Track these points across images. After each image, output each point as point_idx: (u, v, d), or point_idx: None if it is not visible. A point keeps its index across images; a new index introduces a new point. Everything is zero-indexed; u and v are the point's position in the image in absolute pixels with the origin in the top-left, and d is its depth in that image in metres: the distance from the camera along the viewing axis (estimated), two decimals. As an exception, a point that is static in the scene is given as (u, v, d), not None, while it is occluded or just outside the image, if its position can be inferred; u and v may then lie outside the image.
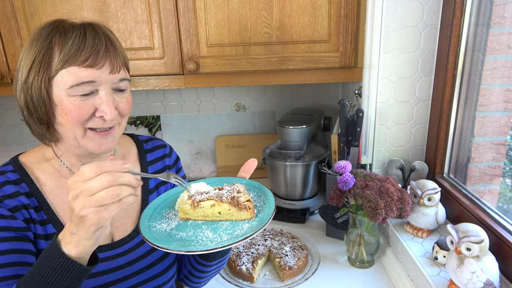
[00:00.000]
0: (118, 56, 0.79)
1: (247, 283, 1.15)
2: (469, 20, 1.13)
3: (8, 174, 0.82)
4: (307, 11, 1.26)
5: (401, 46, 1.23)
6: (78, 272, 0.65)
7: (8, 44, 1.27)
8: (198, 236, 0.71)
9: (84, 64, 0.74)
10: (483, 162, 1.16)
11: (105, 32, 0.79)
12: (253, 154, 1.86)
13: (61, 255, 0.64)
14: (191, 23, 1.27)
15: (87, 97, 0.76)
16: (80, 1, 1.24)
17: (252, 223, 0.73)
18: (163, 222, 0.75)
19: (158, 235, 0.71)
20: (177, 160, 1.05)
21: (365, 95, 1.28)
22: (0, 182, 0.80)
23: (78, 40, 0.74)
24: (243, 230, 0.71)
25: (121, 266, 0.88)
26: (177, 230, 0.73)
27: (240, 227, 0.72)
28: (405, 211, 1.09)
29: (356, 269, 1.21)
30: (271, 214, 0.72)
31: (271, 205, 0.75)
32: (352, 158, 1.32)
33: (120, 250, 0.88)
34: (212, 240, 0.69)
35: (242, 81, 1.36)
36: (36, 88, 0.76)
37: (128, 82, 0.83)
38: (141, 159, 0.98)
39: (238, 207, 0.73)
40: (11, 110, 1.81)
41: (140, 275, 0.90)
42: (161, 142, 1.04)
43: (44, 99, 0.76)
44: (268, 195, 0.79)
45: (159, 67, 1.31)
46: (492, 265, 0.88)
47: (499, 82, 1.09)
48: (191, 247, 0.67)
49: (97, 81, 0.75)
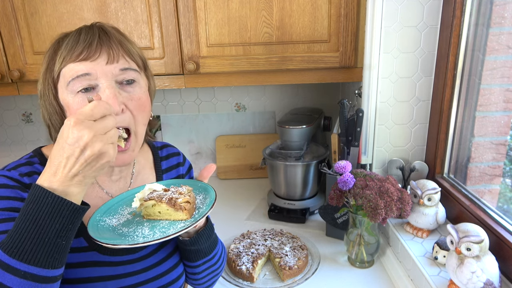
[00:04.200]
0: (114, 45, 0.76)
1: (247, 283, 1.15)
2: (469, 20, 1.13)
3: (36, 165, 0.81)
4: (307, 11, 1.26)
5: (401, 46, 1.23)
6: (70, 212, 0.61)
7: (8, 44, 1.27)
8: (136, 232, 0.74)
9: (78, 58, 0.74)
10: (483, 162, 1.16)
11: (101, 26, 0.78)
12: (253, 154, 1.86)
13: (48, 194, 0.60)
14: (191, 23, 1.27)
15: (90, 94, 0.75)
16: (80, 1, 1.24)
17: (186, 223, 0.76)
18: (114, 217, 0.79)
19: (104, 228, 0.75)
20: (189, 168, 1.05)
21: (365, 95, 1.28)
22: (30, 171, 0.79)
23: (72, 40, 0.75)
24: (176, 229, 0.74)
25: (138, 271, 0.87)
26: (122, 226, 0.77)
27: (175, 227, 0.75)
28: (405, 211, 1.09)
29: (356, 269, 1.21)
30: (203, 214, 0.74)
31: (208, 207, 0.77)
32: (352, 158, 1.32)
33: (137, 256, 0.87)
34: (145, 236, 0.72)
35: (242, 81, 1.36)
36: (47, 98, 0.77)
37: (136, 74, 0.79)
38: (156, 166, 0.98)
39: (175, 208, 0.76)
40: (11, 110, 1.81)
41: (155, 281, 0.89)
42: (175, 150, 1.04)
43: (55, 106, 0.77)
44: (212, 198, 0.80)
45: (159, 67, 1.31)
46: (492, 265, 0.88)
47: (499, 82, 1.09)
48: (119, 241, 0.70)
49: (92, 73, 0.74)
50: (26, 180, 0.78)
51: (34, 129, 1.84)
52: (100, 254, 0.83)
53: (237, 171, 1.89)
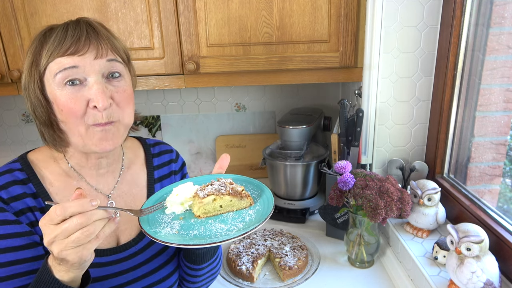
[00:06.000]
0: (102, 41, 0.77)
1: (247, 283, 1.15)
2: (469, 20, 1.13)
3: (15, 172, 0.81)
4: (307, 11, 1.26)
5: (401, 46, 1.23)
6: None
7: (8, 44, 1.27)
8: (211, 230, 0.70)
9: (66, 53, 0.74)
10: (483, 162, 1.16)
11: (88, 22, 0.79)
12: (253, 154, 1.86)
13: (55, 281, 0.65)
14: (191, 23, 1.27)
15: (77, 89, 0.75)
16: (80, 1, 1.24)
17: (256, 208, 0.75)
18: (165, 227, 0.73)
19: (171, 238, 0.69)
20: (182, 165, 1.05)
21: (365, 95, 1.28)
22: (8, 182, 0.79)
23: (60, 34, 0.75)
24: (252, 216, 0.73)
25: (126, 270, 0.87)
26: (185, 230, 0.71)
27: (247, 214, 0.74)
28: (405, 211, 1.09)
29: (356, 269, 1.21)
30: (270, 193, 0.75)
31: (263, 188, 0.78)
32: (352, 158, 1.32)
33: (125, 254, 0.88)
34: (229, 229, 0.69)
35: (242, 81, 1.36)
36: (32, 90, 0.77)
37: (122, 66, 0.81)
38: (147, 163, 0.98)
39: (240, 196, 0.75)
40: (11, 110, 1.81)
41: (144, 279, 0.89)
42: (167, 147, 1.04)
43: (40, 99, 0.77)
44: (255, 182, 0.83)
45: (159, 67, 1.31)
46: (492, 265, 0.88)
47: (499, 82, 1.09)
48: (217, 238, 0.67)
49: (80, 66, 0.74)
50: (3, 194, 0.78)
51: (34, 129, 1.83)
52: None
53: (237, 171, 1.88)
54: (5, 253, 0.74)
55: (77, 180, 0.86)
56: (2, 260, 0.74)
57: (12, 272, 0.74)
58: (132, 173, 0.95)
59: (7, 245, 0.75)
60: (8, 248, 0.75)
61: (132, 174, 0.95)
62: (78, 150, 0.84)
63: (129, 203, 0.92)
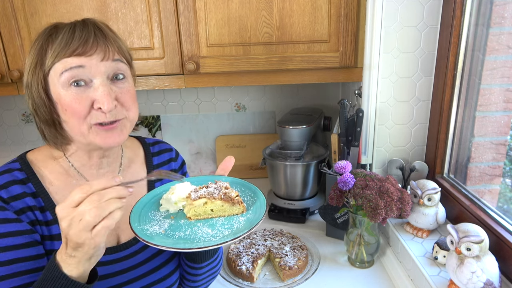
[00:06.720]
0: (109, 44, 0.77)
1: (247, 283, 1.15)
2: (469, 20, 1.13)
3: (15, 172, 0.81)
4: (307, 11, 1.26)
5: (401, 46, 1.23)
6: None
7: (8, 44, 1.27)
8: (197, 234, 0.70)
9: (73, 54, 0.74)
10: (483, 162, 1.16)
11: (95, 23, 0.79)
12: (253, 154, 1.86)
13: (63, 277, 0.65)
14: (191, 23, 1.27)
15: (82, 89, 0.75)
16: (80, 1, 1.24)
17: (248, 215, 0.74)
18: (154, 225, 0.74)
19: (156, 237, 0.70)
20: (182, 164, 1.05)
21: (365, 95, 1.28)
22: (8, 181, 0.80)
23: (67, 35, 0.75)
24: (241, 223, 0.72)
25: (126, 269, 0.87)
26: (172, 231, 0.72)
27: (236, 221, 0.73)
28: (405, 211, 1.09)
29: (356, 269, 1.21)
30: (264, 201, 0.74)
31: (259, 195, 0.77)
32: (352, 158, 1.32)
33: (125, 253, 0.88)
34: (214, 236, 0.69)
35: (242, 81, 1.36)
36: (35, 89, 0.77)
37: (127, 68, 0.82)
38: (147, 162, 0.98)
39: (231, 202, 0.74)
40: (11, 110, 1.81)
41: (144, 278, 0.89)
42: (167, 146, 1.04)
43: (43, 99, 0.77)
44: (253, 188, 0.81)
45: (159, 67, 1.31)
46: (492, 265, 0.88)
47: (499, 82, 1.09)
48: (200, 243, 0.67)
49: (86, 66, 0.74)
50: (3, 194, 0.78)
51: (34, 129, 1.83)
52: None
53: (237, 171, 1.89)
54: (5, 252, 0.74)
55: (77, 179, 0.86)
56: (2, 259, 0.74)
57: (13, 270, 0.74)
58: (132, 172, 0.95)
59: (8, 244, 0.75)
60: (9, 247, 0.75)
61: (132, 173, 0.95)
62: (81, 148, 0.84)
63: (129, 202, 0.91)
